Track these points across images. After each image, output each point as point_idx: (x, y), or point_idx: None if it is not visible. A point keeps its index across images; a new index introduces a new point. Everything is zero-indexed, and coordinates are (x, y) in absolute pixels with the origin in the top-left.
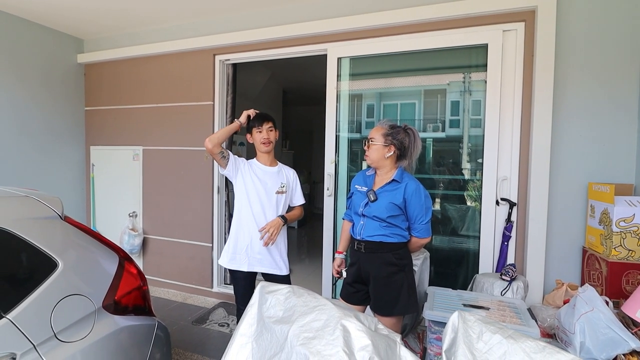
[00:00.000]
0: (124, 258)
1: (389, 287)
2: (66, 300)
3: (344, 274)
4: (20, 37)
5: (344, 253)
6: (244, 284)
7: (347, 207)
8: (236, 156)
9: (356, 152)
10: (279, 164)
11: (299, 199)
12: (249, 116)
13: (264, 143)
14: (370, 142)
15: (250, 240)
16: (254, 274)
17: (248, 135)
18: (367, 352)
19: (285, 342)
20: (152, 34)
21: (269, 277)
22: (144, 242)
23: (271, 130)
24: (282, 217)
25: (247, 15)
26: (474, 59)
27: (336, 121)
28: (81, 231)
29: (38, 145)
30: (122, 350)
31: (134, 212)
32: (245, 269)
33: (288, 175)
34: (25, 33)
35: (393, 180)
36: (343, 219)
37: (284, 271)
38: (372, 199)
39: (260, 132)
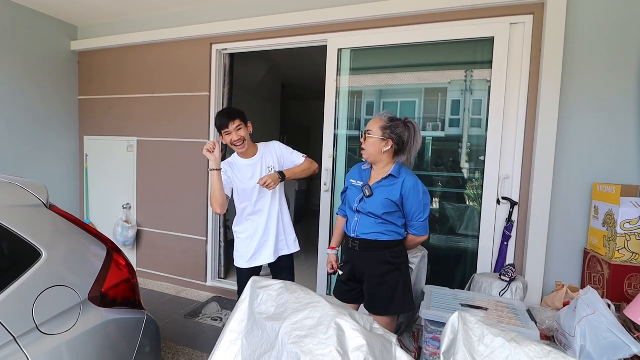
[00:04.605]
0: (113, 249)
1: (384, 286)
2: (50, 292)
3: (340, 272)
4: (10, 22)
5: (337, 249)
6: (248, 273)
7: (342, 202)
8: (224, 171)
9: (354, 149)
10: (259, 147)
11: (297, 159)
12: (217, 145)
13: (235, 145)
14: (367, 135)
15: (262, 233)
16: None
17: (221, 138)
18: (362, 353)
19: (276, 340)
20: (147, 22)
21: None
22: (138, 234)
23: (240, 129)
24: (280, 172)
25: (246, 3)
26: (478, 54)
27: (335, 117)
28: (67, 220)
29: (30, 135)
30: (109, 344)
31: (127, 204)
32: (272, 260)
33: (272, 154)
34: (15, 18)
35: (390, 175)
36: (337, 214)
37: (297, 248)
38: (368, 194)
39: (229, 134)
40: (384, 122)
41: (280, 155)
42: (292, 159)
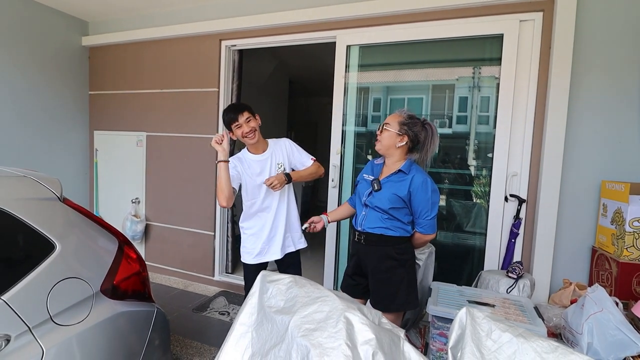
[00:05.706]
0: (124, 242)
1: (388, 282)
2: (63, 283)
3: (304, 227)
4: (22, 18)
5: (329, 218)
6: (254, 269)
7: (353, 193)
8: (234, 166)
9: (362, 145)
10: (270, 143)
11: (306, 160)
12: (225, 138)
13: (246, 137)
14: (384, 127)
15: (270, 229)
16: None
17: (231, 134)
18: (371, 347)
19: (285, 333)
20: (157, 18)
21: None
22: (147, 228)
23: (249, 121)
24: (286, 174)
25: None
26: (487, 51)
27: (343, 114)
28: (80, 214)
29: (41, 129)
30: (120, 335)
31: (136, 198)
32: (278, 256)
33: (282, 151)
34: (27, 14)
35: (400, 170)
36: (346, 201)
37: (304, 244)
38: (376, 188)
39: (239, 127)
40: (403, 118)
41: (290, 153)
42: (301, 160)
